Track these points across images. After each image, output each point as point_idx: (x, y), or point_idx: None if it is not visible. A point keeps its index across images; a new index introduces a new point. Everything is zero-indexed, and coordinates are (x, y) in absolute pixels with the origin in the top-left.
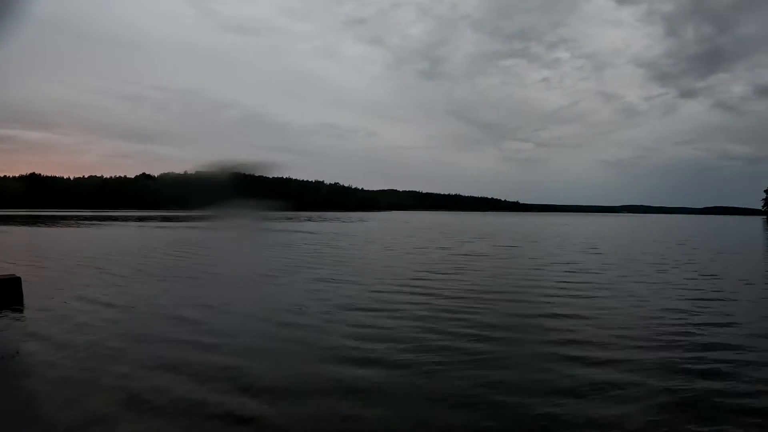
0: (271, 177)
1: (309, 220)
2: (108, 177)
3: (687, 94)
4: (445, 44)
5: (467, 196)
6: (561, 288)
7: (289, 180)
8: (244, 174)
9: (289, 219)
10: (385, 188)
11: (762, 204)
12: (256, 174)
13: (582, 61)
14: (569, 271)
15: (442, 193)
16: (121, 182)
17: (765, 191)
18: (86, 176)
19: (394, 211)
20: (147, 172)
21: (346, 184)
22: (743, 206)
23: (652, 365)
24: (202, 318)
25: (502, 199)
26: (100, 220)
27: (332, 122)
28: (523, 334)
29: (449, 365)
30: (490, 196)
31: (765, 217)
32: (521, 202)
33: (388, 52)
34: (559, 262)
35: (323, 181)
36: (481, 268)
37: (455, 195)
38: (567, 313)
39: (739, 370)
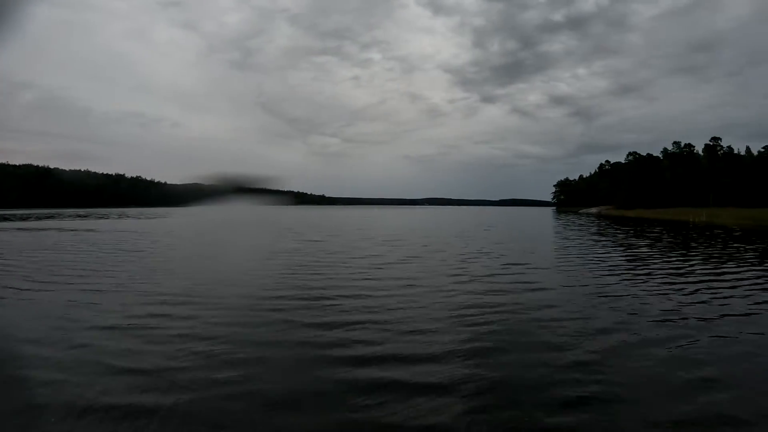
0: (69, 170)
1: (103, 218)
2: None
3: (488, 99)
4: (260, 36)
5: (273, 190)
6: (361, 285)
7: (86, 173)
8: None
9: (81, 217)
10: (190, 182)
11: (552, 196)
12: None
13: (393, 63)
14: (372, 265)
15: (202, 184)
16: None
17: (554, 186)
18: None
19: (198, 206)
20: None
21: (149, 178)
22: (536, 198)
23: (462, 364)
24: None
25: (309, 193)
26: None
27: (136, 110)
28: (316, 336)
29: (215, 386)
30: (296, 190)
31: (554, 207)
32: (327, 195)
33: (201, 38)
34: (360, 257)
35: (124, 175)
36: (277, 266)
37: (261, 189)
38: (368, 312)
39: (552, 360)
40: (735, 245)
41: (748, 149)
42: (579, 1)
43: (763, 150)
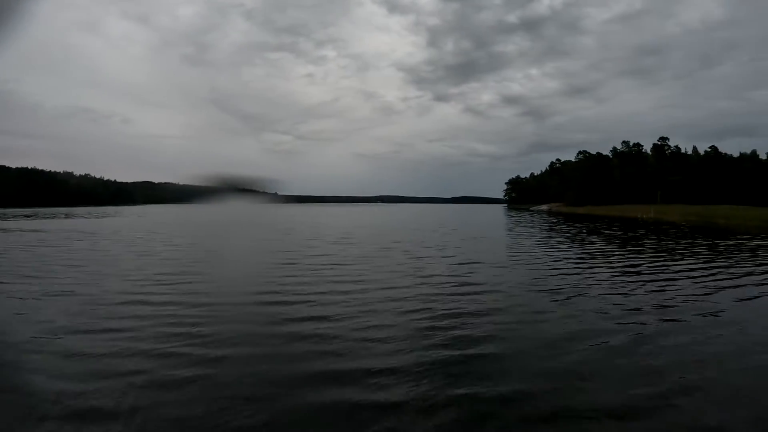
0: (15, 168)
1: (50, 218)
2: None
3: (441, 98)
4: (214, 30)
5: (226, 188)
6: (314, 285)
7: (34, 171)
8: None
9: (27, 217)
10: (141, 180)
11: (503, 194)
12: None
13: (347, 61)
14: (324, 265)
15: (199, 185)
16: None
17: (506, 183)
18: None
19: (150, 205)
20: None
21: (98, 176)
22: (488, 196)
23: (420, 376)
24: None
25: (261, 191)
26: None
27: (87, 105)
28: (265, 348)
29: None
30: (248, 188)
31: (506, 205)
32: (280, 193)
33: (154, 32)
34: (313, 255)
35: (73, 172)
36: (224, 268)
37: (213, 187)
38: (322, 319)
39: (512, 369)
40: (686, 241)
41: (695, 149)
42: (533, 4)
43: (709, 150)
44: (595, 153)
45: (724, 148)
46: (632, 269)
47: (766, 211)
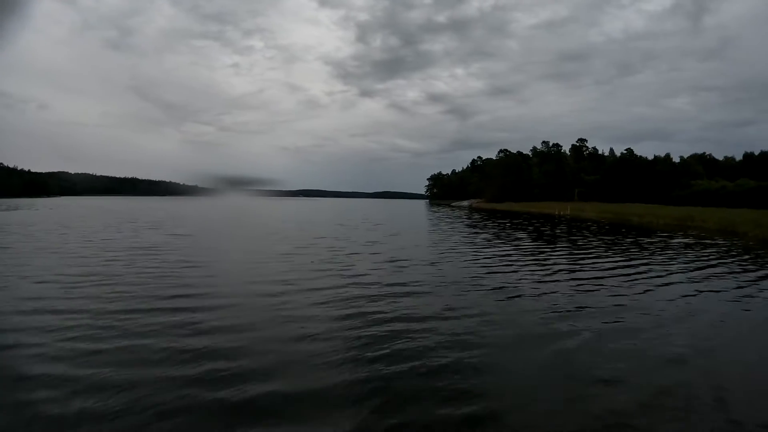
0: None
1: None
2: None
3: (366, 93)
4: (139, 14)
5: (144, 179)
6: (229, 287)
7: None
8: None
9: None
10: (56, 170)
11: (425, 190)
12: None
13: (274, 52)
14: (244, 263)
15: (117, 176)
16: None
17: (428, 179)
18: None
19: (65, 197)
20: None
21: (10, 165)
22: (410, 191)
23: (356, 385)
24: None
25: (181, 183)
26: None
27: (2, 89)
28: (169, 379)
29: None
30: (168, 180)
31: (428, 200)
32: (201, 186)
33: (76, 13)
34: (232, 251)
35: None
36: (135, 266)
37: (132, 178)
38: (234, 324)
39: (459, 379)
40: (608, 237)
41: (611, 150)
42: (463, 5)
43: (625, 152)
44: (515, 152)
45: (639, 150)
46: (564, 266)
47: (676, 209)
